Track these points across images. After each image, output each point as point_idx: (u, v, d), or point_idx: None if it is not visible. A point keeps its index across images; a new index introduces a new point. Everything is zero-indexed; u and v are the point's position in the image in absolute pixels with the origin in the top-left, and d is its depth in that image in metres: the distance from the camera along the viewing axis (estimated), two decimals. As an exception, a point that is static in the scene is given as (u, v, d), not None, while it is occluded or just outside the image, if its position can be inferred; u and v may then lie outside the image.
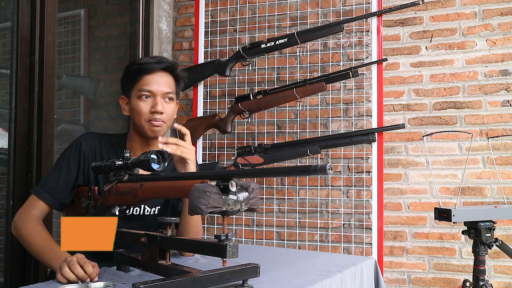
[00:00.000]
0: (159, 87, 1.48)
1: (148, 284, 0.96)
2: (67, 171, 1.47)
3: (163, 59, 1.51)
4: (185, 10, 2.94)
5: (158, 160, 1.20)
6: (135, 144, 1.54)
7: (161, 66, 1.49)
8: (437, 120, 2.45)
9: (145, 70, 1.47)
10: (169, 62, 1.51)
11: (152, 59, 1.50)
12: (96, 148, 1.51)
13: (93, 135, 1.55)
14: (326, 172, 0.81)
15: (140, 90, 1.47)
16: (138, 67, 1.48)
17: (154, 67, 1.48)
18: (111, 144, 1.54)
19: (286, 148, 2.26)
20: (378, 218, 2.18)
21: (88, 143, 1.51)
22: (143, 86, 1.47)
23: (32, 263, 1.88)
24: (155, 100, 1.47)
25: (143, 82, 1.47)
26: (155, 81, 1.48)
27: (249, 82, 2.69)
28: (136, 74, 1.49)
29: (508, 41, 2.36)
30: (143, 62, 1.49)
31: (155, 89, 1.47)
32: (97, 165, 1.30)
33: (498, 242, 1.66)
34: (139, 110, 1.47)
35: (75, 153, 1.49)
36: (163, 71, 1.50)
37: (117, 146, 1.54)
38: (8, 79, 1.91)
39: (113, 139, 1.57)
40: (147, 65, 1.48)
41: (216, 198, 0.95)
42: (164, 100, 1.49)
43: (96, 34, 2.70)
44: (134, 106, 1.49)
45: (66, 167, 1.47)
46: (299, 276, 1.29)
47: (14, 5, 1.89)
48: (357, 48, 2.55)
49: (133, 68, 1.49)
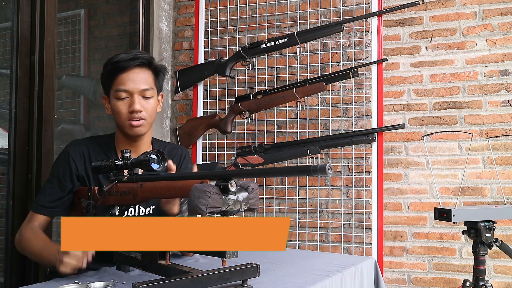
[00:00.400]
0: (135, 85, 1.45)
1: (148, 284, 0.96)
2: (59, 184, 1.47)
3: (138, 54, 1.46)
4: (185, 10, 2.94)
5: (158, 160, 1.20)
6: (122, 142, 1.53)
7: (136, 63, 1.45)
8: (437, 120, 2.45)
9: (119, 69, 1.44)
10: (144, 57, 1.47)
11: (127, 55, 1.45)
12: (85, 154, 1.50)
13: (80, 142, 1.54)
14: (326, 172, 0.81)
15: (116, 90, 1.45)
16: (112, 66, 1.46)
17: (128, 65, 1.44)
18: (100, 146, 1.54)
19: (286, 148, 2.26)
20: (378, 218, 2.18)
21: (76, 151, 1.50)
22: (119, 86, 1.45)
23: (32, 263, 1.89)
24: (132, 99, 1.45)
25: (119, 81, 1.45)
26: (130, 79, 1.44)
27: (249, 82, 2.69)
28: (111, 73, 1.46)
29: (508, 41, 2.36)
30: (117, 60, 1.45)
31: (131, 88, 1.44)
32: (97, 165, 1.30)
33: (498, 242, 1.66)
34: (118, 111, 1.46)
35: (65, 164, 1.49)
36: (138, 67, 1.46)
37: (106, 147, 1.54)
38: (8, 79, 1.91)
39: (101, 140, 1.56)
40: (122, 63, 1.44)
41: (216, 198, 0.95)
42: (142, 98, 1.47)
43: (96, 34, 2.70)
44: (113, 107, 1.48)
45: (58, 179, 1.48)
46: (299, 276, 1.29)
47: (14, 5, 1.89)
48: (357, 48, 2.55)
49: (108, 68, 1.47)
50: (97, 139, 1.57)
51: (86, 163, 1.49)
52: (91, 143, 1.54)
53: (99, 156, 1.51)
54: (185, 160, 1.63)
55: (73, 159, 1.49)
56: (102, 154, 1.52)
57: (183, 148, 1.68)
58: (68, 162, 1.48)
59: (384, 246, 2.36)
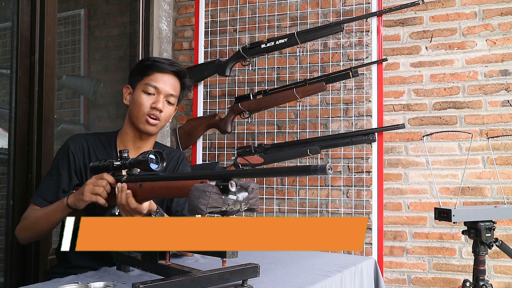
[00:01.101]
0: (165, 86, 1.52)
1: (148, 284, 0.96)
2: (58, 175, 1.50)
3: (176, 63, 1.56)
4: (185, 10, 2.94)
5: (157, 160, 1.20)
6: (127, 137, 1.56)
7: (172, 69, 1.54)
8: (437, 120, 2.45)
9: (157, 68, 1.52)
10: (180, 68, 1.56)
11: (166, 60, 1.55)
12: (84, 148, 1.53)
13: (81, 136, 1.57)
14: (326, 172, 0.81)
15: (147, 84, 1.51)
16: (151, 63, 1.53)
17: (166, 67, 1.52)
18: (101, 142, 1.57)
19: (286, 148, 2.26)
20: (378, 218, 2.18)
21: (76, 144, 1.53)
22: (151, 81, 1.51)
23: (32, 263, 1.89)
24: (158, 97, 1.51)
25: (152, 77, 1.51)
26: (163, 80, 1.52)
27: (249, 82, 2.69)
28: (147, 68, 1.53)
29: (508, 41, 2.36)
30: (157, 60, 1.54)
31: (161, 87, 1.51)
32: (95, 165, 1.30)
33: (498, 242, 1.66)
34: (141, 102, 1.50)
35: (64, 156, 1.52)
36: (173, 74, 1.54)
37: (107, 144, 1.56)
38: (8, 79, 1.91)
39: (102, 137, 1.59)
40: (160, 63, 1.52)
41: (216, 198, 0.95)
42: (166, 101, 1.53)
43: (96, 34, 2.70)
44: (136, 98, 1.52)
45: (57, 171, 1.50)
46: (299, 276, 1.29)
47: (14, 5, 1.89)
48: (357, 48, 2.55)
49: (146, 63, 1.54)
50: (99, 135, 1.60)
51: (85, 156, 1.52)
52: (92, 138, 1.57)
53: (99, 151, 1.53)
54: (182, 163, 1.65)
55: (72, 151, 1.52)
56: (102, 149, 1.55)
57: (180, 151, 1.72)
58: (67, 153, 1.51)
59: (384, 246, 2.36)
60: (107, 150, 1.54)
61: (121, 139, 1.57)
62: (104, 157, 1.47)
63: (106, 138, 1.58)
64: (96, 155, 1.52)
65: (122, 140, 1.57)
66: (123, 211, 1.22)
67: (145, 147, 1.56)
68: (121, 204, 1.21)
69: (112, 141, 1.57)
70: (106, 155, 1.52)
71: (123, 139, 1.56)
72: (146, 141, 1.56)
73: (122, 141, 1.57)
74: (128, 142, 1.55)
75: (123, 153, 1.25)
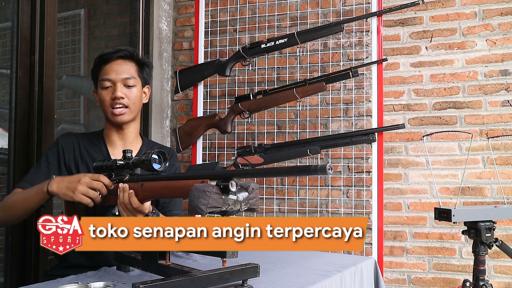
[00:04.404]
0: (117, 74, 1.54)
1: (148, 284, 0.96)
2: (46, 164, 1.54)
3: (121, 48, 1.58)
4: (185, 10, 2.94)
5: (159, 160, 1.20)
6: (109, 131, 1.62)
7: (118, 55, 1.56)
8: (437, 120, 2.45)
9: (103, 61, 1.56)
10: (127, 49, 1.58)
11: (111, 50, 1.57)
12: (75, 144, 1.58)
13: (71, 135, 1.63)
14: (326, 172, 0.81)
15: (101, 80, 1.56)
16: (98, 59, 1.57)
17: (111, 57, 1.55)
18: (90, 139, 1.62)
19: (286, 148, 2.26)
20: (378, 218, 2.18)
21: (66, 140, 1.59)
22: (103, 76, 1.55)
23: (32, 263, 1.89)
24: (115, 87, 1.55)
25: (103, 71, 1.56)
26: (113, 69, 1.55)
27: (249, 82, 2.69)
28: (97, 65, 1.58)
29: (508, 41, 2.36)
30: (102, 54, 1.57)
31: (114, 77, 1.54)
32: (99, 165, 1.30)
33: (498, 242, 1.66)
34: (102, 99, 1.56)
35: (53, 148, 1.57)
36: (121, 59, 1.57)
37: (95, 140, 1.62)
38: (8, 79, 1.91)
39: (90, 135, 1.66)
40: (106, 55, 1.56)
41: (216, 198, 0.95)
42: (125, 86, 1.55)
43: (96, 34, 2.70)
44: (99, 96, 1.58)
45: (45, 161, 1.55)
46: (299, 276, 1.28)
47: (14, 5, 1.89)
48: (357, 48, 2.55)
49: (95, 62, 1.59)
50: (87, 134, 1.67)
51: (76, 151, 1.57)
52: (81, 136, 1.63)
53: (89, 146, 1.59)
54: (172, 158, 1.68)
55: (62, 146, 1.57)
56: (91, 144, 1.60)
57: (170, 148, 1.78)
58: (57, 148, 1.56)
59: (384, 246, 2.36)
60: (97, 145, 1.60)
61: (106, 133, 1.63)
62: (94, 151, 1.56)
63: (94, 135, 1.65)
64: (87, 150, 1.57)
65: (107, 134, 1.63)
66: (125, 210, 1.22)
67: (129, 135, 1.61)
68: (123, 204, 1.21)
69: (100, 137, 1.63)
70: (97, 150, 1.58)
71: (107, 133, 1.62)
72: (127, 130, 1.60)
73: (107, 135, 1.62)
74: (112, 136, 1.61)
75: (126, 152, 1.26)
